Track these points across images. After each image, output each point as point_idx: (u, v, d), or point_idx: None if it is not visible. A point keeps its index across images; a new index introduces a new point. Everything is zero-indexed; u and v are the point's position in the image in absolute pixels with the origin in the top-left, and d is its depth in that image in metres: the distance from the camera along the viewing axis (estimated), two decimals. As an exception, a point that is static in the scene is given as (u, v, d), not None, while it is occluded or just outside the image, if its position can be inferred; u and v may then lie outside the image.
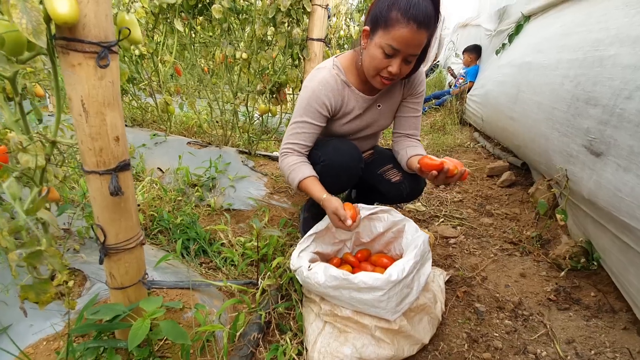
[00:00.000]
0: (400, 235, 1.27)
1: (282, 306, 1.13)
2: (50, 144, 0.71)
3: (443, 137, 3.11)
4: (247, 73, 2.05)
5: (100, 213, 0.76)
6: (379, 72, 1.11)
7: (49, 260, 0.63)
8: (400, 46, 1.03)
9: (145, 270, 0.94)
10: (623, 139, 0.94)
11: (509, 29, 2.62)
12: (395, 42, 1.02)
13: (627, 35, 1.04)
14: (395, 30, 1.01)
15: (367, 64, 1.13)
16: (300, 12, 1.81)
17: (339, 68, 1.24)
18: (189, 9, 2.08)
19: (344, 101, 1.27)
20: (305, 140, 1.24)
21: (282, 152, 1.27)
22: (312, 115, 1.21)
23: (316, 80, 1.21)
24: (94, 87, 0.64)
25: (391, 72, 1.08)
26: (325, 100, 1.21)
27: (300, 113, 1.22)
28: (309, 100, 1.20)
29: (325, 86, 1.20)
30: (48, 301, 0.75)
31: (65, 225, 1.39)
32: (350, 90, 1.26)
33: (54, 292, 0.72)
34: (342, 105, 1.27)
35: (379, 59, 1.07)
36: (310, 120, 1.21)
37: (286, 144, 1.26)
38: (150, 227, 1.60)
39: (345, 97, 1.26)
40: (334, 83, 1.22)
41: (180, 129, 3.04)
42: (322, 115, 1.23)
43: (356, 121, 1.33)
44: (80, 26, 0.60)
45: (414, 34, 1.00)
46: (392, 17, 1.01)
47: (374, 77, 1.14)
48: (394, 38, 1.02)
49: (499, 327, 1.13)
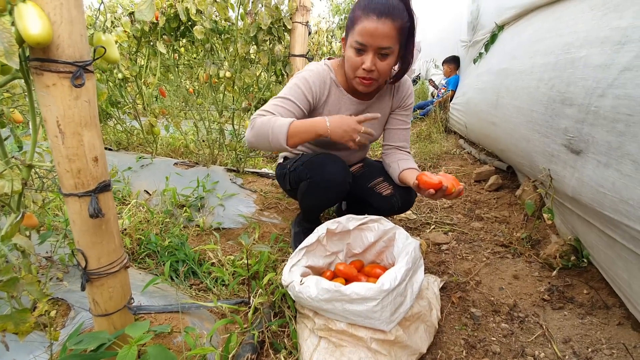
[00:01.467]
0: (392, 244, 1.26)
1: (276, 324, 1.10)
2: (27, 167, 0.69)
3: (430, 146, 3.15)
4: (231, 91, 2.06)
5: (81, 237, 0.74)
6: (356, 72, 1.13)
7: (26, 288, 0.60)
8: (365, 39, 1.05)
9: (131, 295, 0.91)
10: (600, 135, 0.96)
11: (484, 39, 2.72)
12: (360, 36, 1.06)
13: (595, 37, 1.09)
14: (358, 25, 1.06)
15: (347, 68, 1.16)
16: (282, 29, 1.84)
17: (329, 67, 1.27)
18: (171, 31, 2.10)
19: (328, 98, 1.27)
20: (282, 115, 1.14)
21: (253, 118, 1.13)
22: (297, 96, 1.19)
23: (307, 69, 1.24)
24: (69, 107, 0.63)
25: (365, 68, 1.09)
26: (312, 86, 1.21)
27: (284, 92, 1.20)
28: (297, 82, 1.21)
29: (313, 75, 1.22)
30: (28, 331, 0.72)
31: (47, 253, 1.34)
32: (338, 90, 1.27)
33: (33, 322, 0.69)
34: (326, 102, 1.27)
35: (352, 58, 1.11)
36: (293, 99, 1.17)
37: (261, 110, 1.14)
38: (137, 250, 1.56)
39: (331, 94, 1.27)
40: (323, 76, 1.24)
41: (166, 150, 3.02)
42: (306, 100, 1.20)
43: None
44: (54, 47, 0.59)
45: (376, 23, 1.03)
46: (355, 16, 1.07)
47: (353, 79, 1.16)
48: (359, 33, 1.06)
49: (496, 331, 1.12)
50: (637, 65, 0.85)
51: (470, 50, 3.28)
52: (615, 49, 0.95)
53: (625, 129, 0.86)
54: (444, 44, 4.70)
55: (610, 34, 0.99)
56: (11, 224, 0.65)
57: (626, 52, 0.90)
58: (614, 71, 0.93)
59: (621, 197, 0.86)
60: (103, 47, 0.64)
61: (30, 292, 0.60)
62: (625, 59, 0.89)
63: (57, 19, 0.58)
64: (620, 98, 0.89)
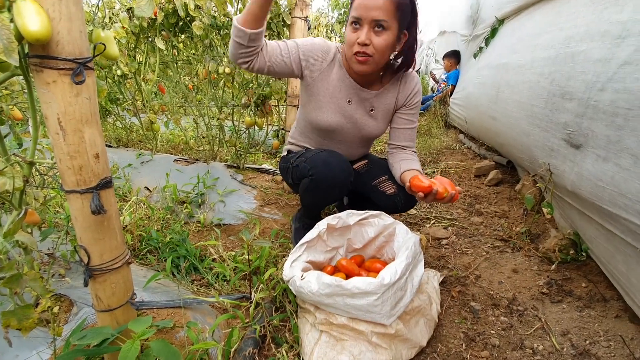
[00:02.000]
0: (392, 239, 1.27)
1: (277, 318, 1.11)
2: (28, 165, 0.69)
3: (430, 141, 3.15)
4: (231, 87, 2.06)
5: (83, 233, 0.74)
6: (352, 48, 1.12)
7: (29, 285, 0.60)
8: (359, 12, 1.06)
9: (133, 291, 0.92)
10: (600, 129, 0.96)
11: (484, 33, 2.70)
12: (355, 10, 1.08)
13: (596, 31, 1.09)
14: (355, 2, 1.08)
15: (345, 49, 1.17)
16: (280, 24, 1.84)
17: (338, 49, 1.28)
18: (169, 27, 2.09)
19: (328, 70, 1.26)
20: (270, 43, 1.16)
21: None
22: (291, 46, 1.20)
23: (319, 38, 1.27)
24: (70, 104, 0.63)
25: (359, 42, 1.09)
26: (315, 49, 1.22)
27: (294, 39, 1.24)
28: (307, 40, 1.24)
29: (322, 43, 1.24)
30: (31, 327, 0.72)
31: (49, 250, 1.35)
32: (342, 70, 1.27)
33: (36, 317, 0.70)
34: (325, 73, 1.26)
35: (349, 35, 1.12)
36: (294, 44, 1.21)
37: None
38: (138, 247, 1.57)
39: (333, 71, 1.27)
40: (329, 50, 1.25)
41: (166, 147, 3.02)
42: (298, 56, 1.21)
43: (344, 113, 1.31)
44: (54, 43, 0.59)
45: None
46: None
47: (350, 58, 1.16)
48: (354, 8, 1.08)
49: (495, 324, 1.13)
50: (636, 59, 0.85)
51: (470, 44, 3.27)
52: (615, 43, 0.95)
53: (624, 123, 0.86)
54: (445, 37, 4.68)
55: (610, 27, 0.99)
56: (13, 220, 0.66)
57: (626, 46, 0.90)
58: (614, 65, 0.93)
59: (620, 191, 0.87)
60: (103, 44, 0.63)
61: (33, 288, 0.60)
62: (625, 53, 0.89)
63: (56, 16, 0.58)
64: (620, 92, 0.89)
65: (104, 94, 0.75)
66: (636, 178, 0.81)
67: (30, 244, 0.63)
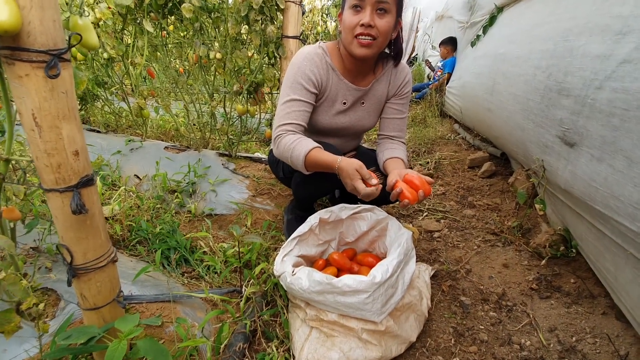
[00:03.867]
0: (384, 233, 1.26)
1: (268, 313, 1.11)
2: (4, 162, 0.66)
3: (425, 130, 3.13)
4: (222, 73, 1.99)
5: (65, 232, 0.72)
6: (354, 31, 1.09)
7: (9, 288, 0.58)
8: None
9: (120, 288, 0.90)
10: (595, 129, 0.95)
11: (482, 20, 2.65)
12: None
13: (595, 24, 1.06)
14: None
15: (344, 35, 1.13)
16: (274, 9, 1.77)
17: (324, 50, 1.23)
18: (158, 9, 2.00)
19: (328, 82, 1.24)
20: (297, 119, 1.17)
21: (275, 137, 1.18)
22: (300, 92, 1.17)
23: (301, 56, 1.19)
24: (45, 100, 0.59)
25: (363, 23, 1.06)
26: (310, 75, 1.17)
27: (287, 92, 1.18)
28: (295, 77, 1.17)
29: (310, 61, 1.18)
30: (14, 330, 0.71)
31: (35, 242, 1.32)
32: (335, 73, 1.23)
33: (18, 321, 0.68)
34: (327, 87, 1.24)
35: (350, 19, 1.08)
36: (298, 97, 1.17)
37: (278, 127, 1.17)
38: (128, 237, 1.54)
39: (330, 79, 1.24)
40: (318, 61, 1.20)
41: (157, 132, 2.95)
42: (310, 92, 1.19)
43: (340, 117, 1.31)
44: (25, 34, 0.55)
45: None
46: None
47: (351, 42, 1.12)
48: None
49: (484, 319, 1.14)
50: (636, 58, 0.83)
51: (467, 31, 3.21)
52: (615, 39, 0.92)
53: (620, 123, 0.85)
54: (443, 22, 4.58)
55: (611, 22, 0.96)
56: (-10, 220, 0.63)
57: (626, 43, 0.87)
58: (613, 63, 0.90)
59: (612, 193, 0.86)
60: (79, 34, 0.59)
61: (13, 292, 0.58)
62: (625, 51, 0.87)
63: (26, 4, 0.54)
64: (618, 91, 0.87)
65: (83, 86, 0.71)
66: (629, 181, 0.80)
67: (8, 247, 0.61)
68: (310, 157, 1.09)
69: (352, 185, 1.03)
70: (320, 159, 1.09)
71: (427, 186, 1.05)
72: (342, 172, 1.05)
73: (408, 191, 1.04)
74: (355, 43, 1.09)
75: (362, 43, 1.08)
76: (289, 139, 1.13)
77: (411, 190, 1.04)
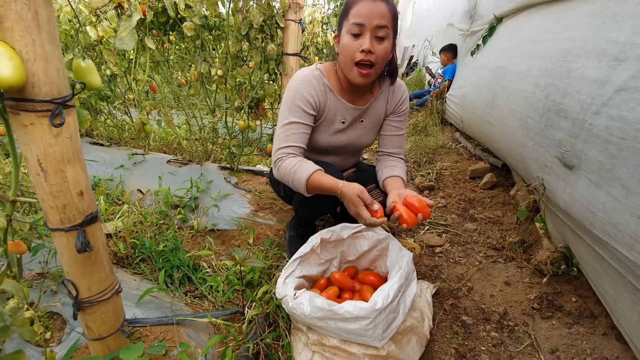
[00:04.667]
0: (385, 253, 1.27)
1: (270, 337, 1.12)
2: (10, 203, 0.68)
3: (426, 140, 3.13)
4: (224, 89, 2.01)
5: (70, 268, 0.73)
6: (354, 59, 1.10)
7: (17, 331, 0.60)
8: (363, 19, 1.04)
9: (124, 317, 0.91)
10: (593, 154, 0.95)
11: (482, 29, 2.66)
12: (357, 17, 1.05)
13: (592, 47, 1.06)
14: (354, 9, 1.06)
15: (343, 58, 1.13)
16: (274, 27, 1.79)
17: (321, 71, 1.23)
18: (159, 26, 2.03)
19: (326, 104, 1.25)
20: (297, 141, 1.18)
21: (276, 160, 1.19)
22: (299, 115, 1.18)
23: (298, 79, 1.20)
24: (50, 145, 0.61)
25: (364, 49, 1.07)
26: (308, 98, 1.18)
27: (285, 115, 1.19)
28: (293, 100, 1.18)
29: (307, 84, 1.19)
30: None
31: (40, 264, 1.34)
32: (333, 94, 1.24)
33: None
34: (325, 108, 1.25)
35: (349, 44, 1.09)
36: (297, 120, 1.17)
37: (278, 149, 1.19)
38: (131, 255, 1.56)
39: (328, 100, 1.25)
40: (316, 82, 1.21)
41: (160, 145, 2.98)
42: (309, 114, 1.20)
43: (339, 135, 1.32)
44: (29, 85, 0.56)
45: (371, 4, 1.04)
46: (348, 3, 1.08)
47: (351, 69, 1.12)
48: (355, 15, 1.06)
49: (486, 339, 1.14)
50: (632, 87, 0.83)
51: (467, 40, 3.22)
52: (611, 65, 0.93)
53: (617, 152, 0.85)
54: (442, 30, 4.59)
55: (608, 47, 0.97)
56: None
57: (623, 71, 0.88)
58: (610, 89, 0.91)
59: (610, 220, 0.86)
60: (83, 83, 0.61)
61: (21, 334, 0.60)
62: (622, 78, 0.87)
63: (30, 57, 0.55)
64: (614, 119, 0.87)
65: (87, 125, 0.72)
66: (627, 210, 0.80)
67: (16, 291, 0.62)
68: (312, 181, 1.11)
69: (355, 211, 1.04)
70: (322, 182, 1.10)
71: (426, 210, 1.05)
72: (344, 198, 1.06)
73: (407, 214, 1.05)
74: (355, 72, 1.11)
75: (362, 73, 1.10)
76: (289, 162, 1.15)
77: (410, 214, 1.05)
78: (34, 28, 0.54)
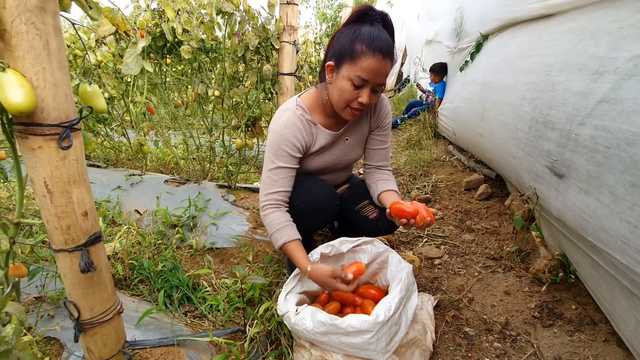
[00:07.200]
0: (385, 266, 1.28)
1: (272, 355, 1.11)
2: (14, 225, 0.68)
3: (420, 153, 3.18)
4: (221, 109, 2.05)
5: (72, 289, 0.74)
6: (349, 104, 1.13)
7: (19, 355, 0.59)
8: (370, 76, 1.06)
9: (125, 338, 0.91)
10: (581, 163, 0.99)
11: (470, 46, 2.76)
12: (365, 73, 1.05)
13: (574, 62, 1.12)
14: (362, 62, 1.04)
15: (337, 97, 1.14)
16: (269, 49, 1.84)
17: (302, 108, 1.24)
18: (157, 50, 2.08)
19: (312, 139, 1.27)
20: (284, 186, 1.21)
21: (263, 206, 1.22)
22: (285, 159, 1.20)
23: (281, 123, 1.21)
24: (57, 168, 0.63)
25: (362, 103, 1.10)
26: (294, 142, 1.20)
27: (272, 159, 1.21)
28: (279, 144, 1.20)
29: (292, 128, 1.20)
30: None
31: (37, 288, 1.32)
32: (317, 128, 1.27)
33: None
34: (312, 144, 1.28)
35: (348, 91, 1.09)
36: (283, 165, 1.20)
37: (266, 195, 1.22)
38: (130, 276, 1.54)
39: (313, 135, 1.27)
40: (300, 124, 1.22)
41: (157, 165, 2.99)
42: (294, 157, 1.22)
43: (325, 155, 1.34)
44: (39, 110, 0.59)
45: (381, 63, 1.04)
46: (357, 50, 1.05)
47: (343, 109, 1.15)
48: (362, 69, 1.05)
49: (489, 350, 1.14)
50: (613, 99, 0.88)
51: (455, 56, 3.33)
52: (592, 78, 0.98)
53: (603, 160, 0.89)
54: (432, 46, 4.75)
55: (588, 61, 1.02)
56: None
57: (603, 83, 0.92)
58: (592, 101, 0.96)
59: (602, 226, 0.89)
60: (90, 107, 0.63)
61: (22, 358, 0.59)
62: (603, 90, 0.92)
63: (40, 84, 0.58)
64: (598, 129, 0.91)
65: (92, 146, 0.74)
66: (616, 216, 0.83)
67: (19, 314, 0.62)
68: (286, 249, 1.18)
69: (333, 289, 1.09)
70: (293, 256, 1.16)
71: (432, 216, 1.09)
72: (316, 281, 1.11)
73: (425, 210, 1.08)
74: (348, 113, 1.15)
75: (354, 114, 1.15)
76: (274, 219, 1.19)
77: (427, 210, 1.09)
78: (44, 57, 0.57)
